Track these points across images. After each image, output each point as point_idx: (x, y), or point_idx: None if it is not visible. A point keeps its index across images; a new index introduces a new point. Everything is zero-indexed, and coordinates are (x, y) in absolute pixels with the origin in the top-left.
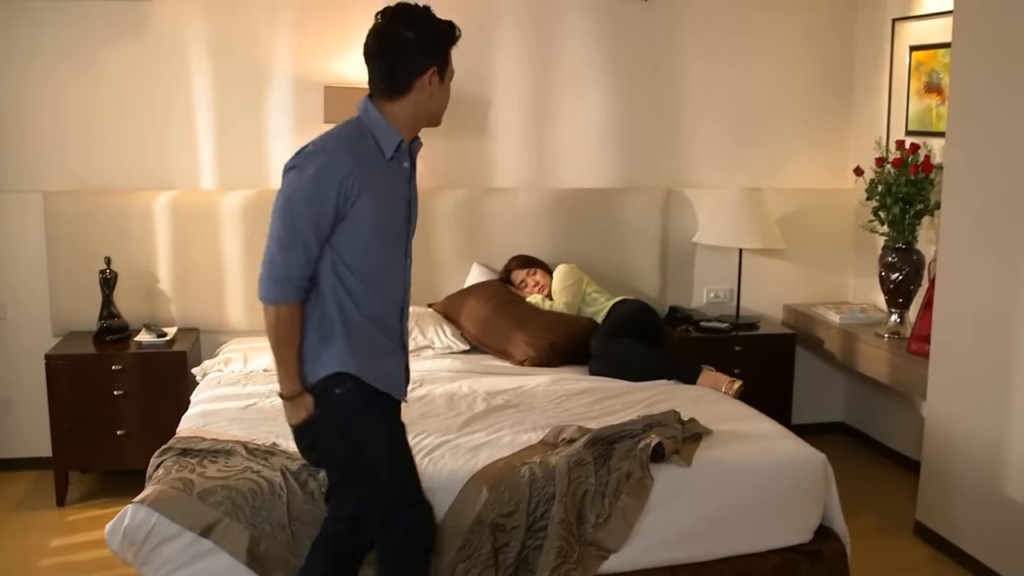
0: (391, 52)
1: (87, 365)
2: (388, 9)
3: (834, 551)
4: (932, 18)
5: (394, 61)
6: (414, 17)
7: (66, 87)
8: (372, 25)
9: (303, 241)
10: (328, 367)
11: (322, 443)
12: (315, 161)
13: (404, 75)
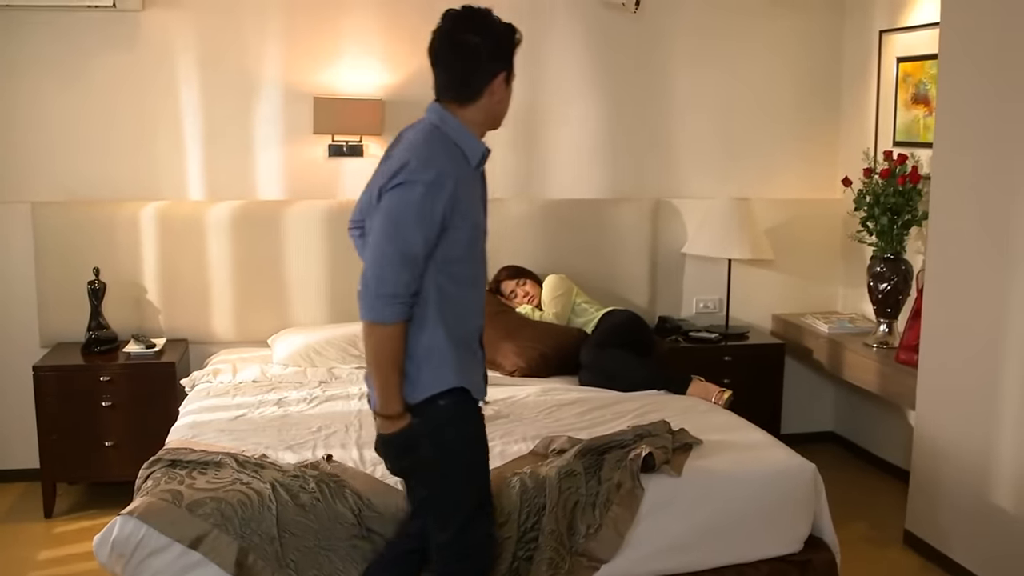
0: (461, 57)
1: (75, 376)
2: (451, 12)
3: (824, 561)
4: (919, 30)
5: (465, 67)
6: (479, 22)
7: (54, 97)
8: (437, 28)
9: (412, 258)
10: (435, 385)
11: (414, 452)
12: (423, 177)
13: (476, 81)
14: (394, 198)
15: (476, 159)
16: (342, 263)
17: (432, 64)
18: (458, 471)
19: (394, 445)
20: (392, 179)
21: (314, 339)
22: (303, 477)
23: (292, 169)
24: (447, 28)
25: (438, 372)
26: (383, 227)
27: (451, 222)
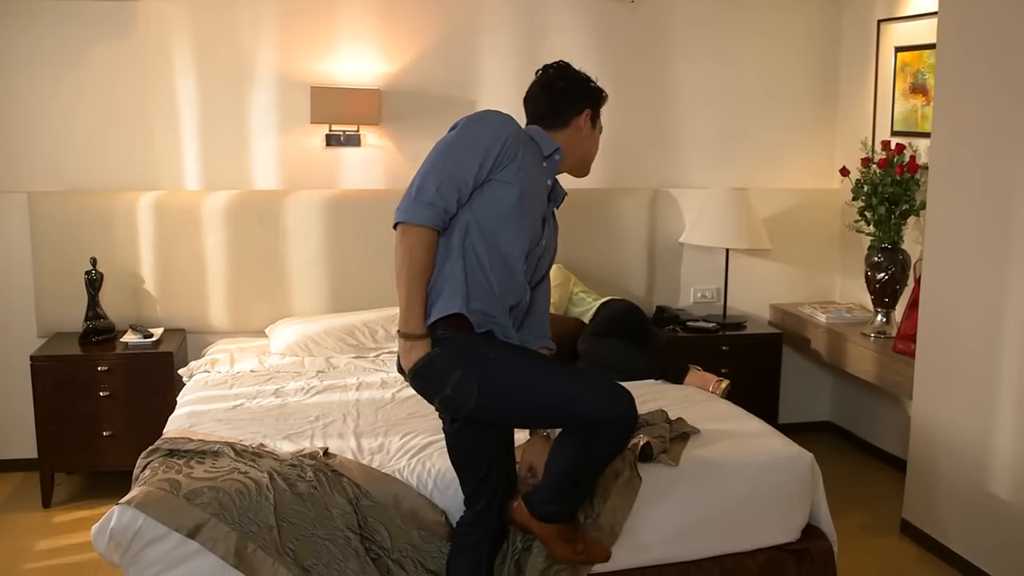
0: (552, 96)
1: (73, 366)
2: (546, 66)
3: (821, 550)
4: (917, 19)
5: (555, 100)
6: (571, 73)
7: (51, 88)
8: (536, 77)
9: (460, 179)
10: (446, 309)
11: (451, 380)
12: (489, 116)
13: (564, 113)
14: (458, 125)
15: (548, 150)
16: (340, 253)
17: (527, 103)
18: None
19: (420, 375)
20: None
21: (312, 329)
22: (301, 466)
23: (289, 159)
24: (545, 76)
25: (454, 296)
26: (439, 148)
27: (497, 175)
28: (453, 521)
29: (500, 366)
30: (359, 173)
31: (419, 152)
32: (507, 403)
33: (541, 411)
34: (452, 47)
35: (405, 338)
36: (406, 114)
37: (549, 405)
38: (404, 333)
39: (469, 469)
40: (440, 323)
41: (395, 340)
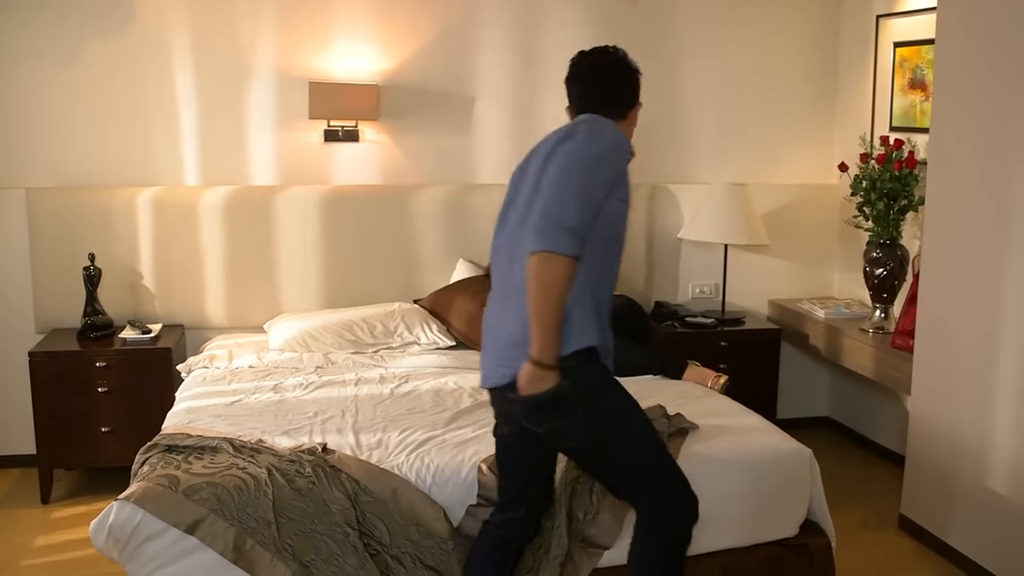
0: (622, 82)
1: (71, 362)
2: (612, 47)
3: (820, 545)
4: (916, 14)
5: (621, 88)
6: (630, 61)
7: (49, 82)
8: (591, 54)
9: (594, 202)
10: (581, 341)
11: (574, 414)
12: (610, 128)
13: (626, 102)
14: (592, 141)
15: (630, 148)
16: (338, 248)
17: (578, 83)
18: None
19: (545, 404)
20: (571, 131)
21: (310, 324)
22: (299, 462)
23: (288, 154)
24: (612, 60)
25: (587, 327)
26: (571, 165)
27: (617, 191)
28: (453, 518)
29: (625, 420)
30: (357, 168)
31: (417, 147)
32: (612, 455)
33: (633, 478)
34: (450, 42)
35: (538, 366)
36: (404, 109)
37: (644, 478)
38: (538, 362)
39: (515, 479)
40: (571, 354)
41: (393, 336)
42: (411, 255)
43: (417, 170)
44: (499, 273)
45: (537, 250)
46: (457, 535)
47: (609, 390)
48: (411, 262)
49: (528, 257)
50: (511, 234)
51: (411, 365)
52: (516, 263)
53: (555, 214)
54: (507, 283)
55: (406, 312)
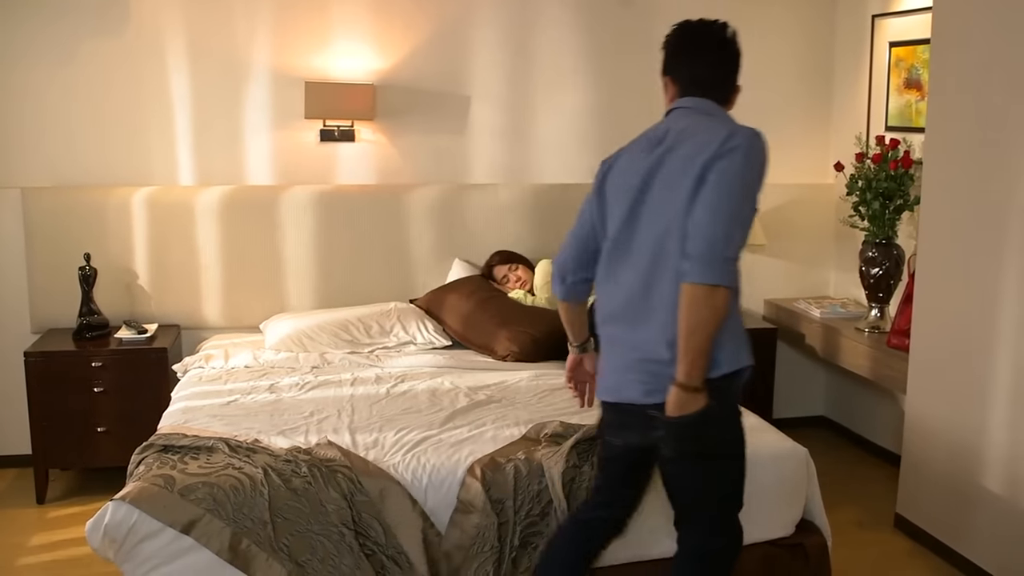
0: (733, 66)
1: (67, 362)
2: (724, 23)
3: (816, 544)
4: (911, 14)
5: (731, 74)
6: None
7: (44, 82)
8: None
9: (751, 222)
10: (736, 362)
11: (705, 433)
12: (762, 141)
13: (731, 88)
14: (741, 164)
15: None
16: (334, 248)
17: (693, 62)
18: (741, 449)
19: (690, 426)
20: (725, 144)
21: (305, 324)
22: (295, 462)
23: (283, 154)
24: (726, 35)
25: (739, 349)
26: (731, 191)
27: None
28: (439, 526)
29: (741, 440)
30: (353, 168)
31: (413, 147)
32: (715, 469)
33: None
34: (445, 42)
35: (685, 390)
36: (400, 109)
37: (727, 495)
38: (685, 385)
39: (616, 483)
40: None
41: (389, 335)
42: (407, 255)
43: (413, 170)
44: (631, 285)
45: (704, 283)
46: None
47: (738, 410)
48: (407, 262)
49: (685, 281)
50: (653, 248)
51: (407, 365)
52: (661, 280)
53: (721, 246)
54: (646, 299)
55: (402, 312)
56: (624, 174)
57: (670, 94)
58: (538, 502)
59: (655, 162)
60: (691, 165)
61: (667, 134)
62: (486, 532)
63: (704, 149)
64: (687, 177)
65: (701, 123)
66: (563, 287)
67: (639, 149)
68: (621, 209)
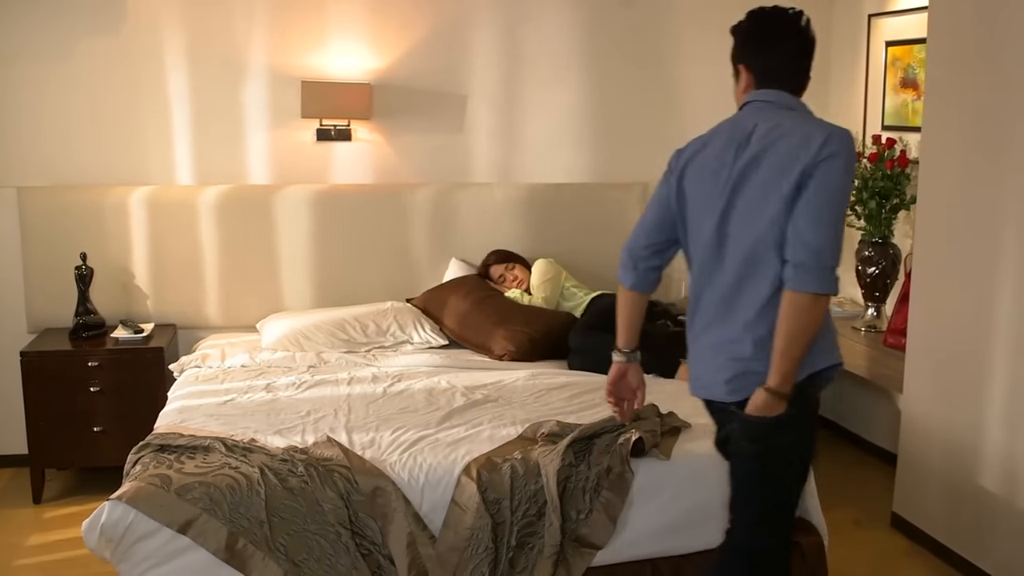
0: (809, 56)
1: (63, 362)
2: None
3: (812, 544)
4: (908, 14)
5: (807, 65)
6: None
7: (41, 81)
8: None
9: (844, 220)
10: (824, 360)
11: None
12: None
13: (807, 76)
14: (841, 170)
15: None
16: (331, 247)
17: (773, 52)
18: (809, 456)
19: (772, 427)
20: (823, 149)
21: (302, 324)
22: (292, 461)
23: (280, 153)
24: (803, 24)
25: (829, 348)
26: (831, 198)
27: None
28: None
29: (813, 439)
30: (350, 167)
31: (410, 146)
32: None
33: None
34: (442, 42)
35: (773, 395)
36: (397, 108)
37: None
38: (775, 391)
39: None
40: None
41: (385, 335)
42: (403, 254)
43: (409, 169)
44: (724, 287)
45: (808, 292)
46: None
47: (816, 416)
48: (403, 261)
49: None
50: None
51: (404, 364)
52: (753, 282)
53: (826, 256)
54: (736, 300)
55: (399, 311)
56: (712, 174)
57: (743, 84)
58: (535, 502)
59: (748, 164)
60: (789, 171)
61: (754, 131)
62: (480, 533)
63: (801, 154)
64: (785, 183)
65: (788, 120)
66: (634, 273)
67: (721, 146)
68: (712, 211)
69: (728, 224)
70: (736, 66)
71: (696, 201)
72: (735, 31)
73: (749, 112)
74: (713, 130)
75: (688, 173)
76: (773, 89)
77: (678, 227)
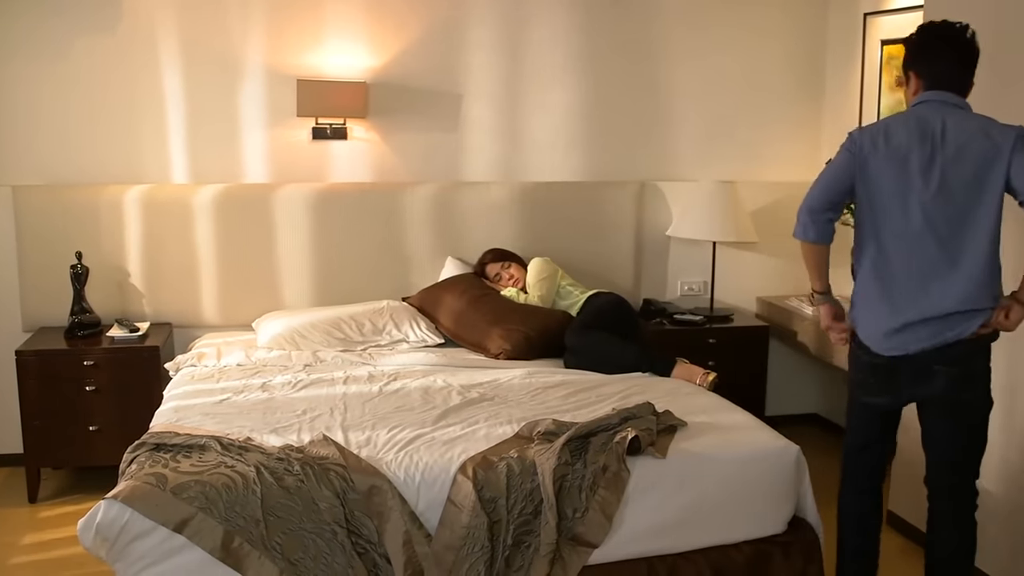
0: (973, 59)
1: (58, 361)
2: (964, 25)
3: (808, 542)
4: (903, 12)
5: (973, 69)
6: None
7: (36, 80)
8: (971, 34)
9: None
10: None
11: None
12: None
13: (971, 82)
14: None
15: None
16: (327, 246)
17: (959, 63)
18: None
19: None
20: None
21: (298, 322)
22: (288, 460)
23: (276, 152)
24: (966, 36)
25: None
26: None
27: None
28: (431, 524)
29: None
30: (346, 166)
31: (406, 145)
32: (984, 417)
33: (982, 445)
34: (438, 40)
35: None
36: (392, 107)
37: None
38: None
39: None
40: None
41: (381, 333)
42: (400, 253)
43: (406, 168)
44: (930, 252)
45: None
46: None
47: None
48: (400, 260)
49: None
50: (959, 209)
51: (400, 363)
52: (969, 247)
53: None
54: (951, 268)
55: (395, 310)
56: (903, 161)
57: (913, 87)
58: (531, 501)
59: (950, 153)
60: (994, 153)
61: (942, 126)
62: (476, 532)
63: (1002, 138)
64: (995, 164)
65: (965, 116)
66: (815, 226)
67: (907, 136)
68: (908, 193)
69: (927, 206)
70: (907, 72)
71: (886, 185)
72: (909, 42)
73: (924, 108)
74: (890, 121)
75: (873, 159)
76: (943, 91)
77: (859, 196)
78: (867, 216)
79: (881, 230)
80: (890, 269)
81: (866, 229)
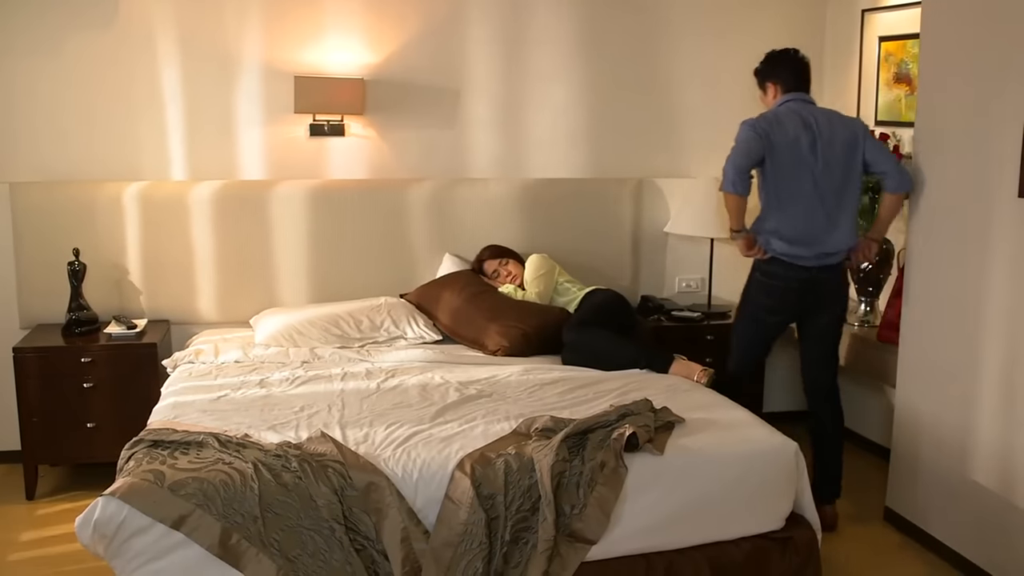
0: (808, 71)
1: (56, 358)
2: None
3: (805, 538)
4: (901, 9)
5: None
6: None
7: (33, 76)
8: (801, 54)
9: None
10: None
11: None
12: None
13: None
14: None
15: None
16: (324, 243)
17: (803, 78)
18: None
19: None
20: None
21: (296, 319)
22: (285, 457)
23: (274, 149)
24: (800, 55)
25: None
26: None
27: None
28: (429, 521)
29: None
30: (344, 163)
31: (403, 141)
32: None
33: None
34: (436, 37)
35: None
36: (390, 104)
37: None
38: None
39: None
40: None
41: (379, 330)
42: (397, 250)
43: (403, 164)
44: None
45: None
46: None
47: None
48: (397, 256)
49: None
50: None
51: (397, 360)
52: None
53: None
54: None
55: (392, 306)
56: (795, 142)
57: (772, 93)
58: (528, 497)
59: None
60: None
61: (815, 118)
62: (474, 529)
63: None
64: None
65: (823, 110)
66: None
67: (793, 125)
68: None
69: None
70: (767, 83)
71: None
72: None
73: (793, 105)
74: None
75: (775, 140)
76: (801, 92)
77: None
78: (771, 182)
79: (782, 192)
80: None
81: (770, 194)
